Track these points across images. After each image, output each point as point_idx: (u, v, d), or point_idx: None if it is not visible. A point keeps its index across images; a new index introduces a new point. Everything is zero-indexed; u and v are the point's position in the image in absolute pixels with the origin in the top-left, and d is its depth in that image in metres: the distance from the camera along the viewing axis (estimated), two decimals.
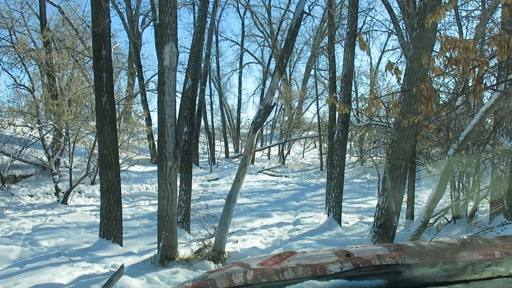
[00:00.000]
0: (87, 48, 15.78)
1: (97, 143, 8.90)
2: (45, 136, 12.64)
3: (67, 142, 12.44)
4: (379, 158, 15.82)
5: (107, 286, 5.03)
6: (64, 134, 12.38)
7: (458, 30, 11.78)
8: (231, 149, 27.38)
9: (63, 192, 11.96)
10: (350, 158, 22.59)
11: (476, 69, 2.86)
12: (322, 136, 23.24)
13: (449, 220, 8.96)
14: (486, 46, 7.02)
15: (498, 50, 2.69)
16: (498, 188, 7.96)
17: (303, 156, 29.91)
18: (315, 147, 31.53)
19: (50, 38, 14.79)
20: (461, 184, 9.39)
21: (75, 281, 5.78)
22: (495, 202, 8.03)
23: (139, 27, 20.53)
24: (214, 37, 23.17)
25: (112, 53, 9.11)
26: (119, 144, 9.58)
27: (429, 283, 1.01)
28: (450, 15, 11.45)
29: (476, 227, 8.06)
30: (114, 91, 8.76)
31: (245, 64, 30.15)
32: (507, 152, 7.67)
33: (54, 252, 7.25)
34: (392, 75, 3.26)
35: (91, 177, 13.35)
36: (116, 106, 12.73)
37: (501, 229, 6.65)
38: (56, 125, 12.16)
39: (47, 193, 12.28)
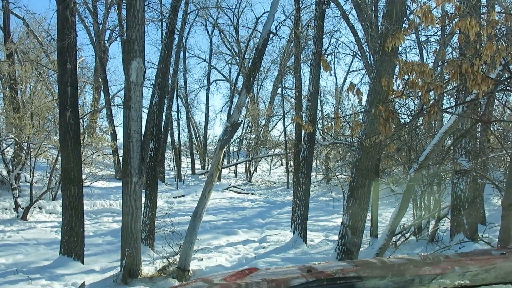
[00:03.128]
0: (52, 61, 15.48)
1: (59, 158, 8.69)
2: (5, 150, 12.22)
3: (28, 156, 12.06)
4: (344, 176, 16.06)
5: None
6: (25, 148, 12.01)
7: (419, 53, 12.25)
8: (197, 165, 27.17)
9: (22, 208, 11.54)
10: (316, 176, 22.85)
11: (432, 92, 3.02)
12: (288, 154, 23.44)
13: (411, 239, 9.17)
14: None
15: (451, 74, 2.85)
16: (458, 207, 8.24)
17: (269, 174, 30.01)
18: (282, 164, 31.76)
19: (13, 51, 14.41)
20: (423, 203, 9.64)
21: None
22: (456, 221, 8.29)
23: (106, 41, 20.28)
24: (182, 53, 23.13)
25: (77, 67, 8.99)
26: (82, 159, 9.37)
27: None
28: (411, 39, 11.91)
29: (437, 245, 8.29)
30: (79, 106, 8.62)
31: (213, 81, 30.22)
32: (465, 173, 7.97)
33: (12, 270, 6.99)
34: (354, 96, 3.38)
35: (53, 193, 12.94)
36: (81, 120, 12.48)
37: (459, 247, 6.87)
38: (17, 139, 11.79)
39: (6, 209, 11.81)
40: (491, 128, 7.72)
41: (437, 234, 9.01)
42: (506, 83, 3.72)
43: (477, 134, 8.62)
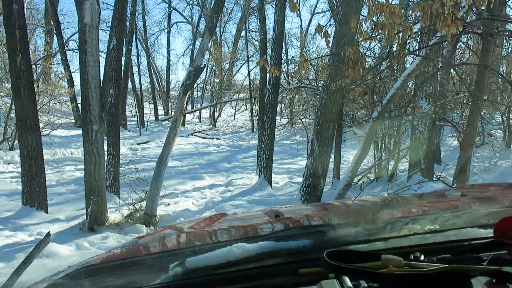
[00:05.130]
0: None
1: (13, 107, 8.30)
2: None
3: None
4: (308, 120, 16.25)
5: (33, 254, 4.82)
6: None
7: None
8: (160, 111, 26.69)
9: None
10: (280, 120, 22.98)
11: (401, 34, 2.99)
12: (253, 98, 23.33)
13: (372, 179, 9.51)
14: (410, 11, 7.33)
15: (421, 15, 2.81)
16: (417, 148, 8.55)
17: (234, 118, 29.94)
18: (246, 109, 31.64)
19: None
20: (383, 145, 9.95)
21: None
22: (414, 162, 8.64)
23: None
24: None
25: (25, 8, 8.38)
26: (38, 107, 9.00)
27: (352, 241, 1.06)
28: None
29: (396, 185, 8.64)
30: (30, 50, 8.14)
31: (174, 24, 29.10)
32: (425, 115, 8.20)
33: None
34: (322, 38, 3.31)
35: (9, 143, 12.47)
36: (34, 66, 11.87)
37: (417, 187, 7.16)
38: None
39: None
40: (454, 72, 7.88)
41: (396, 174, 9.37)
42: (474, 25, 3.73)
43: (437, 77, 8.78)
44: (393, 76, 10.06)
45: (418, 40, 8.01)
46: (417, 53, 5.70)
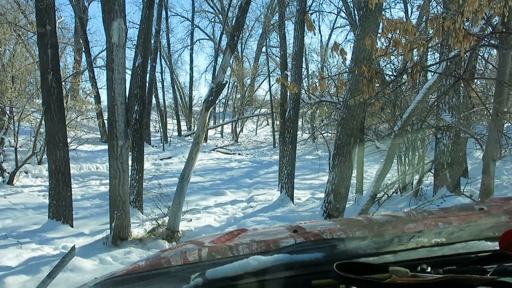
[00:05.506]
0: (31, 23, 14.95)
1: (43, 122, 8.59)
2: None
3: (12, 121, 11.89)
4: (330, 134, 16.18)
5: (58, 268, 4.94)
6: (8, 112, 11.81)
7: (403, 8, 12.12)
8: (183, 127, 27.02)
9: (8, 173, 11.46)
10: (302, 135, 22.93)
11: (415, 51, 3.02)
12: (274, 114, 23.40)
13: (396, 193, 9.37)
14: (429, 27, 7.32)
15: (434, 32, 2.84)
16: (442, 161, 8.41)
17: (256, 134, 30.04)
18: (268, 124, 31.70)
19: None
20: (407, 158, 9.81)
21: (24, 263, 5.65)
22: (439, 175, 8.49)
23: (85, 1, 19.64)
24: (163, 12, 22.49)
25: (57, 28, 8.73)
26: (67, 123, 9.28)
27: (362, 254, 1.10)
28: None
29: (420, 200, 8.51)
30: (60, 68, 8.45)
31: (196, 41, 29.65)
32: (447, 128, 8.10)
33: (1, 234, 7.00)
34: (338, 56, 3.37)
35: (38, 157, 12.85)
36: (63, 83, 12.26)
37: (441, 201, 7.04)
38: None
39: None
40: (473, 85, 7.78)
41: (421, 189, 9.21)
42: (488, 38, 3.73)
43: (461, 89, 8.66)
44: (415, 89, 9.98)
45: (440, 52, 7.95)
46: (434, 67, 5.68)
